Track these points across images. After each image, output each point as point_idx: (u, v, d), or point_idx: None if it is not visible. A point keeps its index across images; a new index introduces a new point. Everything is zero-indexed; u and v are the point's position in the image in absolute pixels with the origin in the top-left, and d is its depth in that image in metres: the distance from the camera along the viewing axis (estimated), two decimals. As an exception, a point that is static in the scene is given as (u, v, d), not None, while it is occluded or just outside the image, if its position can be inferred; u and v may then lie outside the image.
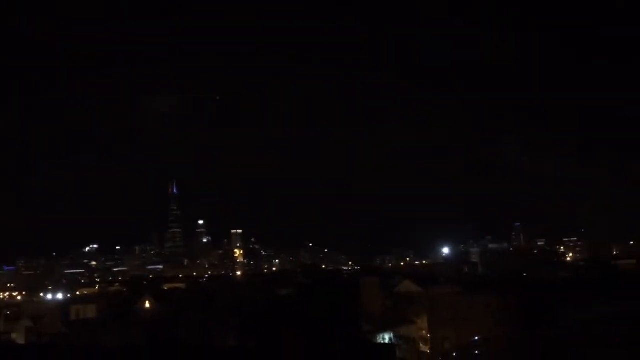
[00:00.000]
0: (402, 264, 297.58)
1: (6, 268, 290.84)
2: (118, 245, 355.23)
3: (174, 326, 59.09)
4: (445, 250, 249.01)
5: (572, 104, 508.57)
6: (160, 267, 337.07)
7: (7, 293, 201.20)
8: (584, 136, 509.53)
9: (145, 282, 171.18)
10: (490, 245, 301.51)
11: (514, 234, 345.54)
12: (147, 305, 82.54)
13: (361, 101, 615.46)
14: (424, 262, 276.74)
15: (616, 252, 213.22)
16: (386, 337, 59.85)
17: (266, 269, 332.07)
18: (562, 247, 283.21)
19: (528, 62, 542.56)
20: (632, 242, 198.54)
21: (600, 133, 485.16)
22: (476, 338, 21.73)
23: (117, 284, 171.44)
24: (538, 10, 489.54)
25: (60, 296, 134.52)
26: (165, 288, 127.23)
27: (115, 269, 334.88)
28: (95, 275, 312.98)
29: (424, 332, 62.48)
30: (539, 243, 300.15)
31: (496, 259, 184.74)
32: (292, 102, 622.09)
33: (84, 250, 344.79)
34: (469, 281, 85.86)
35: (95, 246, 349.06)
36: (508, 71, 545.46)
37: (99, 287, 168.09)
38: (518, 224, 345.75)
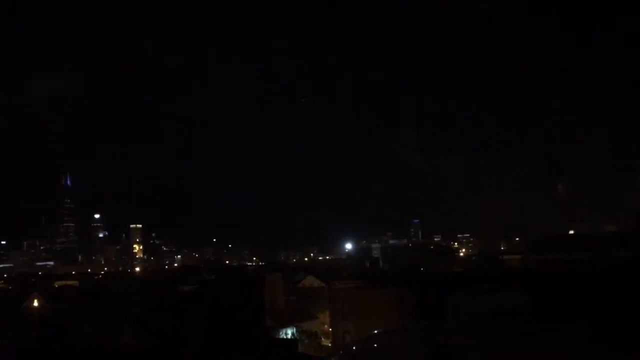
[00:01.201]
0: (306, 259, 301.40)
1: None
2: (3, 240, 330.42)
3: (66, 326, 55.94)
4: (348, 246, 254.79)
5: (472, 101, 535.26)
6: (51, 263, 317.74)
7: None
8: (480, 137, 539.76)
9: (33, 280, 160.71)
10: (391, 241, 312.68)
11: (412, 230, 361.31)
12: (36, 304, 77.40)
13: (264, 96, 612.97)
14: (328, 257, 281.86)
15: (504, 247, 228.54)
16: (289, 332, 60.39)
17: (167, 265, 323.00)
18: (456, 243, 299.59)
19: (426, 60, 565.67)
20: (517, 239, 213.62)
21: (497, 133, 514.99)
22: (375, 331, 22.45)
23: (2, 282, 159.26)
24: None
25: None
26: (57, 285, 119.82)
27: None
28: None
29: (325, 326, 63.68)
30: (435, 239, 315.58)
31: (395, 254, 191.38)
32: (199, 91, 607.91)
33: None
34: (369, 275, 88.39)
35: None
36: (403, 69, 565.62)
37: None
38: (416, 220, 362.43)
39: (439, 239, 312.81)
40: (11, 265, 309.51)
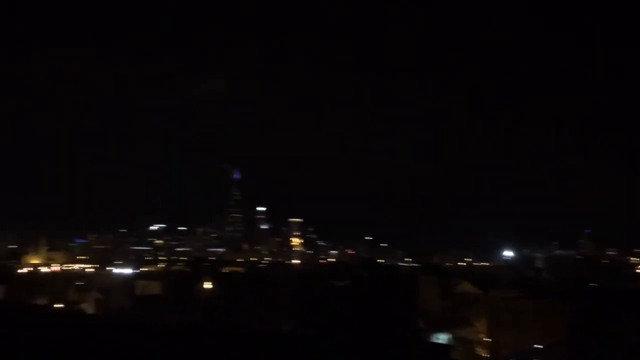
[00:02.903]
0: (461, 264, 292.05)
1: (78, 240, 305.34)
2: (181, 226, 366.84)
3: (231, 308, 60.45)
4: (508, 254, 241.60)
5: None
6: (221, 249, 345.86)
7: (79, 265, 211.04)
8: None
9: (205, 264, 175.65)
10: (557, 251, 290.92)
11: (582, 241, 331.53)
12: (208, 285, 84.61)
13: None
14: (485, 264, 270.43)
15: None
16: (442, 337, 59.04)
17: (323, 259, 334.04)
18: (634, 258, 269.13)
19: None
20: None
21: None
22: (538, 346, 20.86)
23: (180, 264, 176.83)
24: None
25: (126, 271, 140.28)
26: (225, 271, 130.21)
27: (178, 249, 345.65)
28: (159, 253, 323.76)
29: (481, 335, 61.15)
30: (609, 252, 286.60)
31: (563, 265, 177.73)
32: (355, 92, 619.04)
33: (150, 228, 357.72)
34: (532, 286, 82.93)
35: (162, 225, 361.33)
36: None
37: (163, 265, 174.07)
38: (588, 230, 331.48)
39: (614, 253, 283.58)
40: (188, 249, 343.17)
